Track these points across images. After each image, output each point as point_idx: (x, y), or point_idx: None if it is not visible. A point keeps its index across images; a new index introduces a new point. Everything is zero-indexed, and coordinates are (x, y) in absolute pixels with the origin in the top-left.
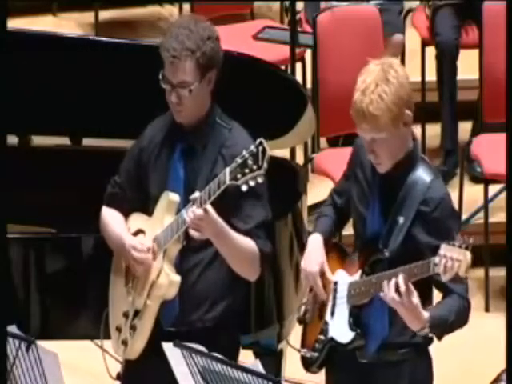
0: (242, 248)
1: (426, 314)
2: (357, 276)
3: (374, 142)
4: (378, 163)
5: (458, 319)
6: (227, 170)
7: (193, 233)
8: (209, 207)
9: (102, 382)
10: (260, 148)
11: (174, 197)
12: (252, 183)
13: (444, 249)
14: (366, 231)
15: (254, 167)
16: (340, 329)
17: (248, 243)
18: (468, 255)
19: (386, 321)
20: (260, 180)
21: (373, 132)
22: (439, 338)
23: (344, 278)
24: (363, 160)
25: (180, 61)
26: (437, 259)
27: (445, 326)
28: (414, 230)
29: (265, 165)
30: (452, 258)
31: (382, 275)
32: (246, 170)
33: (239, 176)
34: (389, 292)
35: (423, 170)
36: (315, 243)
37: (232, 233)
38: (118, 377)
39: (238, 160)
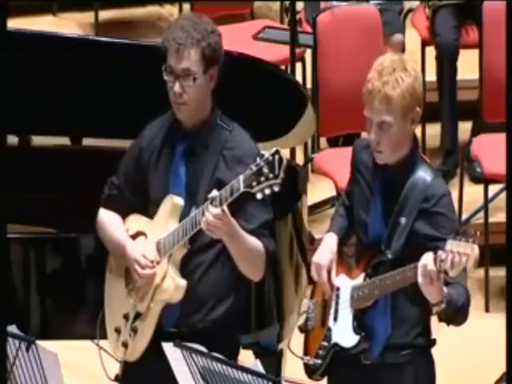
0: (251, 248)
1: (445, 289)
2: (359, 279)
3: (381, 127)
4: (379, 151)
5: (465, 306)
6: (241, 177)
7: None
8: (225, 208)
9: (102, 382)
10: (276, 157)
11: (179, 200)
12: (268, 191)
13: (450, 244)
14: (368, 234)
15: (270, 176)
16: (344, 333)
17: (256, 243)
18: (476, 249)
19: (389, 323)
20: (276, 189)
21: (383, 113)
22: (448, 322)
23: (346, 283)
24: (362, 162)
25: (186, 48)
26: (443, 255)
27: (455, 307)
28: (416, 225)
29: (282, 174)
30: (459, 252)
31: (387, 276)
32: (262, 178)
33: (254, 184)
34: (428, 262)
35: (424, 171)
36: (329, 241)
37: (243, 233)
38: (117, 378)
39: (253, 168)
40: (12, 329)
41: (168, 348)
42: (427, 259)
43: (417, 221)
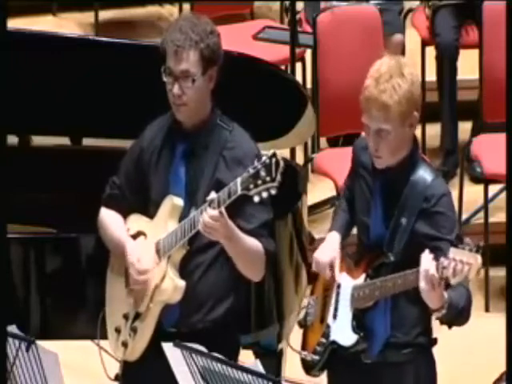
0: (250, 249)
1: (445, 294)
2: (360, 279)
3: (379, 134)
4: (378, 156)
5: (465, 309)
6: (238, 180)
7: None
8: (223, 210)
9: (102, 382)
10: (273, 160)
11: (178, 201)
12: (265, 194)
13: (453, 252)
14: (369, 236)
15: (268, 179)
16: (342, 332)
17: (255, 243)
18: (479, 258)
19: (389, 322)
20: (273, 192)
21: (381, 121)
22: (449, 325)
23: (347, 282)
24: (362, 163)
25: (184, 50)
26: (445, 262)
27: (456, 310)
28: (416, 226)
29: (278, 177)
30: (462, 261)
31: (388, 278)
32: (259, 182)
33: (251, 186)
34: (430, 267)
35: (424, 171)
36: (332, 240)
37: (241, 234)
38: (117, 378)
39: (250, 170)
40: (12, 329)
41: (168, 348)
42: (428, 265)
43: (417, 221)
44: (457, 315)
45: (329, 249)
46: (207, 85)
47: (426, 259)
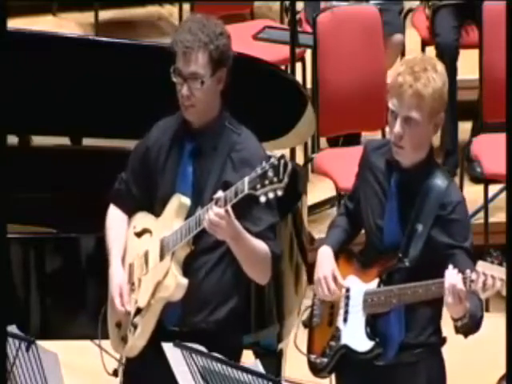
0: (256, 250)
1: (467, 305)
2: (373, 284)
3: (407, 122)
4: (400, 146)
5: (482, 318)
6: (246, 179)
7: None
8: (229, 208)
9: (102, 381)
10: (282, 161)
11: (186, 200)
12: (271, 195)
13: (482, 266)
14: (383, 240)
15: (275, 180)
16: (355, 337)
17: (261, 245)
18: (504, 272)
19: (403, 325)
20: (279, 193)
21: (412, 108)
22: (466, 335)
23: (358, 286)
24: (374, 164)
25: (193, 51)
26: (473, 276)
27: (475, 320)
28: (433, 233)
29: (286, 179)
30: (493, 276)
31: (407, 287)
32: (266, 182)
33: (258, 186)
34: (457, 282)
35: (439, 176)
36: (325, 254)
37: (247, 235)
38: (115, 373)
39: (258, 171)
40: (12, 329)
41: (168, 348)
42: (455, 279)
43: (433, 228)
44: (475, 324)
45: (325, 264)
46: (216, 86)
47: (451, 274)
